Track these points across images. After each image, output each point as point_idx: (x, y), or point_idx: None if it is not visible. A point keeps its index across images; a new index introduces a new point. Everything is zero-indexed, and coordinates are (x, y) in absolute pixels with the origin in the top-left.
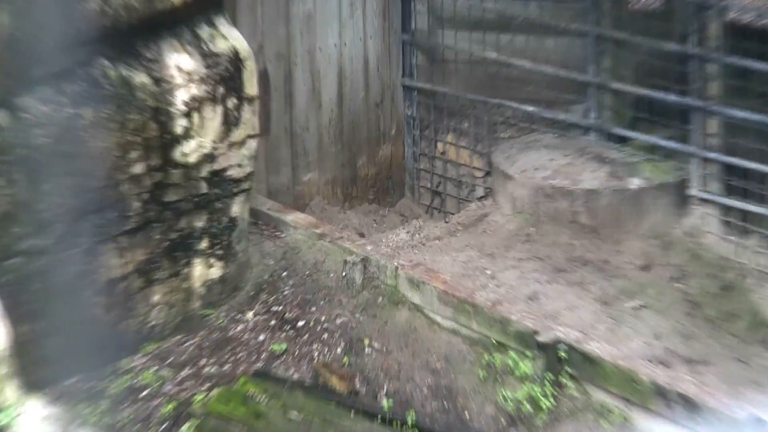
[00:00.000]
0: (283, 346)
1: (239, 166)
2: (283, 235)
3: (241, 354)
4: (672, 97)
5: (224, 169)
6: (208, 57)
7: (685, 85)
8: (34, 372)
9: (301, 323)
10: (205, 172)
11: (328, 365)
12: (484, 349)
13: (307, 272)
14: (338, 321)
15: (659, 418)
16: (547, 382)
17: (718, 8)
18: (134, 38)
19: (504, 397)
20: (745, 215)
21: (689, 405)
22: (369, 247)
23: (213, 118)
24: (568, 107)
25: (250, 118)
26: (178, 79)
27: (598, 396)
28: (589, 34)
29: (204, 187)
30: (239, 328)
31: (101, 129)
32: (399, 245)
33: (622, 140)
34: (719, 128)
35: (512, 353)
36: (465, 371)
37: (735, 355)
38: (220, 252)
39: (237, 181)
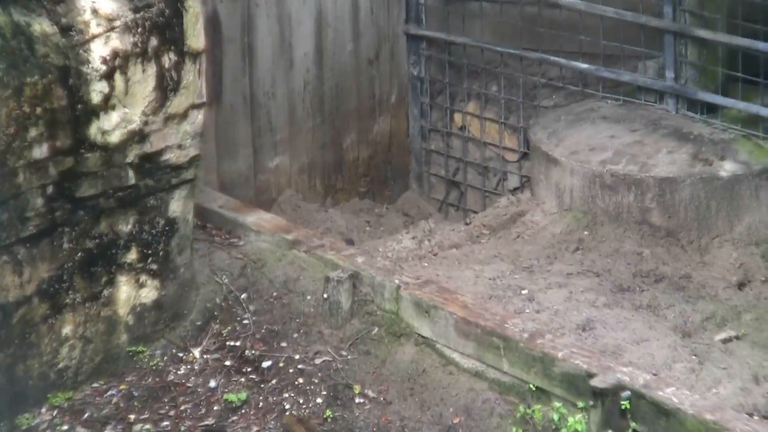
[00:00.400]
0: (243, 395)
1: (179, 147)
2: (241, 243)
3: (184, 406)
4: None
5: (159, 152)
6: None
7: None
8: None
9: (266, 364)
10: (132, 156)
11: (303, 421)
12: (519, 397)
13: (275, 294)
14: (318, 361)
15: None
16: None
17: None
18: None
19: None
20: None
21: None
22: (360, 259)
23: (143, 80)
24: (636, 64)
25: (194, 81)
26: (95, 26)
27: None
28: None
29: (131, 177)
30: (182, 370)
31: None
32: (402, 256)
33: (711, 109)
34: None
35: (557, 403)
36: (492, 428)
37: None
38: (154, 267)
39: (177, 168)
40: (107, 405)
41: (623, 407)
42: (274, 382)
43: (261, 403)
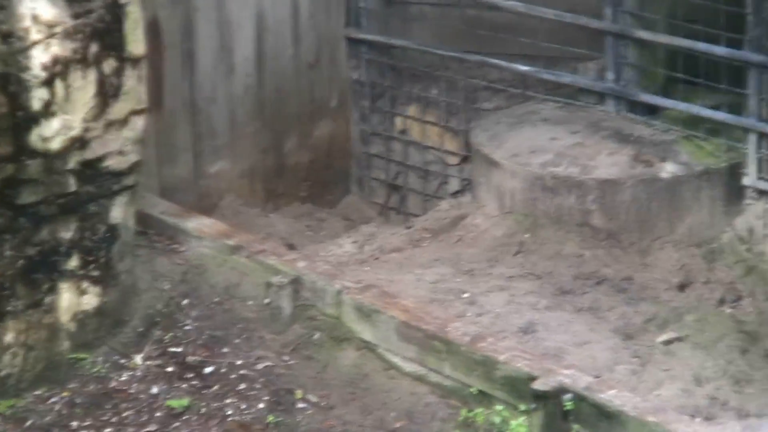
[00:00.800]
0: (185, 401)
1: (120, 153)
2: (182, 249)
3: (127, 412)
4: (721, 50)
5: (100, 159)
6: (75, 2)
7: (739, 33)
8: None
9: (208, 369)
10: (73, 162)
11: (246, 426)
12: (462, 401)
13: (217, 299)
14: (260, 366)
15: None
16: None
17: None
18: None
19: None
20: None
21: None
22: (301, 264)
23: (83, 87)
24: (576, 66)
25: (134, 87)
26: (35, 33)
27: None
28: None
29: (72, 184)
30: (124, 377)
31: None
32: (343, 260)
33: (652, 111)
34: None
35: (500, 407)
36: None
37: None
38: (95, 273)
39: (117, 174)
40: (50, 412)
41: (565, 410)
42: (216, 387)
43: (203, 409)
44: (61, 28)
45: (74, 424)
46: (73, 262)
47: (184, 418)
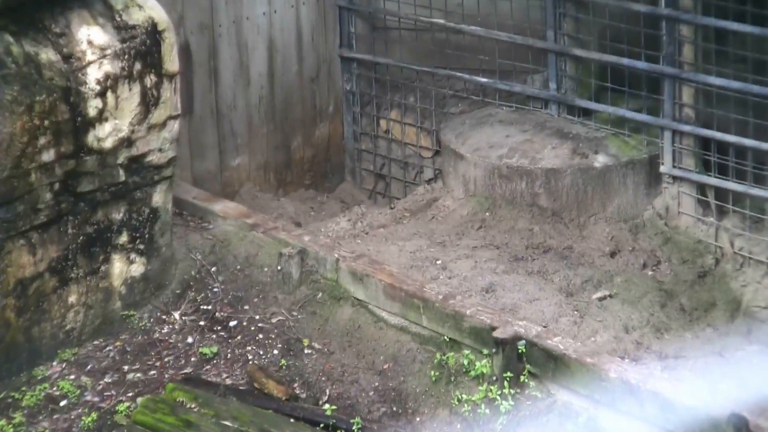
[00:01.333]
0: (214, 348)
1: (160, 150)
2: (210, 227)
3: (167, 358)
4: (641, 64)
5: (143, 155)
6: (122, 29)
7: (655, 50)
8: None
9: (233, 323)
10: (122, 158)
11: (264, 369)
12: (436, 347)
13: (239, 267)
14: (274, 320)
15: (630, 418)
16: (506, 383)
17: None
18: (39, 10)
19: (459, 399)
20: (722, 193)
21: (663, 404)
22: (306, 238)
23: (129, 97)
24: (525, 77)
25: (170, 97)
26: (90, 54)
27: (563, 396)
28: None
29: (121, 175)
30: (165, 330)
31: (5, 113)
32: (340, 235)
33: (586, 113)
34: (694, 98)
35: (467, 351)
36: (415, 372)
37: (713, 348)
38: (141, 247)
39: (158, 167)
40: (106, 358)
41: (520, 353)
42: (239, 338)
43: (229, 355)
44: (111, 51)
45: (125, 367)
46: (123, 238)
47: (213, 362)
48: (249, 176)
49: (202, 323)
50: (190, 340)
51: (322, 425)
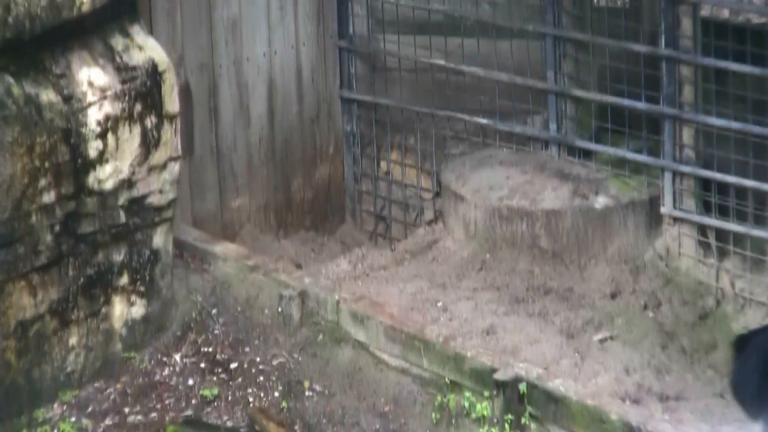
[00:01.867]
0: (215, 390)
1: (161, 192)
2: (211, 268)
3: (168, 400)
4: (641, 105)
5: (144, 196)
6: (122, 70)
7: (655, 91)
8: None
9: (233, 365)
10: (122, 199)
11: (264, 411)
12: (437, 389)
13: (239, 309)
14: (275, 362)
15: None
16: (506, 425)
17: (691, 3)
18: (40, 51)
19: None
20: (723, 235)
21: None
22: (307, 280)
23: (130, 139)
24: (525, 118)
25: (171, 138)
26: (90, 96)
27: None
28: (548, 36)
29: (122, 217)
30: (166, 371)
31: (5, 154)
32: (340, 276)
33: (587, 154)
34: (694, 138)
35: (468, 393)
36: (416, 414)
37: (713, 389)
38: (142, 288)
39: (158, 209)
40: (106, 400)
41: (521, 395)
42: (240, 380)
43: (230, 397)
44: (111, 92)
45: (126, 410)
46: (124, 280)
47: (214, 404)
48: (249, 217)
49: (202, 365)
50: (190, 382)
51: None
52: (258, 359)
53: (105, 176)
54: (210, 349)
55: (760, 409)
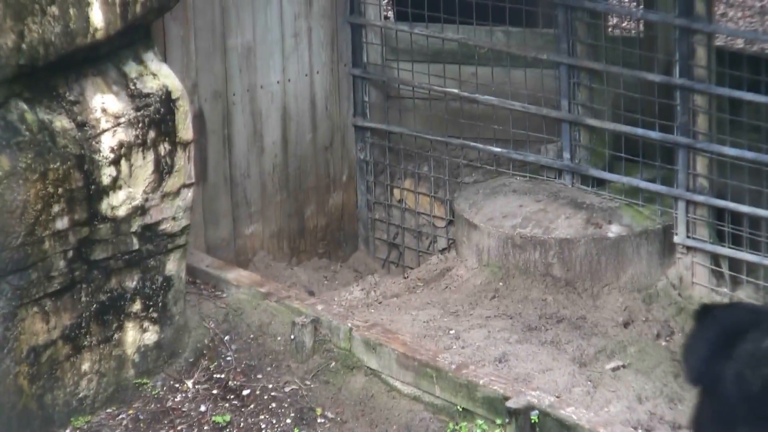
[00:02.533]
0: (227, 417)
1: (174, 219)
2: (224, 295)
3: (180, 426)
4: (655, 134)
5: (157, 223)
6: (136, 97)
7: (669, 120)
8: None
9: (246, 392)
10: (135, 226)
11: None
12: (449, 417)
13: (252, 336)
14: (287, 389)
15: None
16: None
17: (705, 33)
18: (54, 78)
19: None
20: (736, 264)
21: None
22: (320, 307)
23: (143, 165)
24: (539, 147)
25: (184, 165)
26: (104, 122)
27: None
28: (562, 65)
29: (135, 243)
30: (178, 398)
31: (19, 180)
32: (353, 304)
33: (600, 183)
34: (708, 167)
35: (480, 421)
36: None
37: None
38: (154, 315)
39: (171, 235)
40: (119, 426)
41: (533, 423)
42: (252, 406)
43: (242, 424)
44: (125, 119)
45: None
46: (136, 306)
47: (226, 430)
48: (262, 244)
49: (215, 392)
50: (203, 408)
51: None
52: (270, 386)
53: (118, 203)
54: (222, 376)
55: (700, 377)
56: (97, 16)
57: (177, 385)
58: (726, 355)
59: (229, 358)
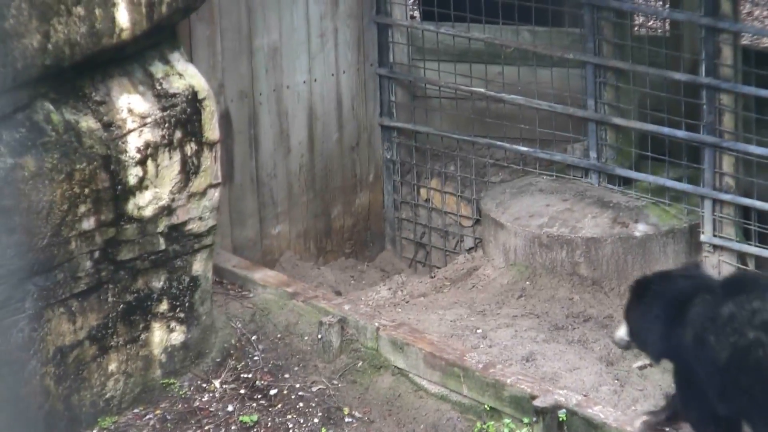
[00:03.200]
0: (254, 417)
1: (200, 219)
2: (251, 295)
3: (208, 426)
4: (681, 133)
5: (184, 223)
6: (162, 97)
7: (695, 119)
8: None
9: (273, 392)
10: (162, 226)
11: None
12: (476, 416)
13: (279, 335)
14: (314, 388)
15: None
16: None
17: (731, 32)
18: (80, 78)
19: None
20: (763, 262)
21: None
22: (346, 307)
23: (170, 166)
24: (565, 146)
25: (210, 166)
26: (130, 122)
27: None
28: (588, 64)
29: (162, 244)
30: (205, 398)
31: (45, 180)
32: (380, 304)
33: (626, 182)
34: (734, 166)
35: (507, 420)
36: None
37: None
38: (181, 315)
39: (198, 236)
40: (146, 427)
41: (560, 422)
42: (279, 406)
43: (269, 423)
44: (151, 119)
45: None
46: (163, 306)
47: (254, 430)
48: (289, 245)
49: (242, 392)
50: (230, 408)
51: None
52: (297, 386)
53: (145, 203)
54: (249, 376)
55: (661, 353)
56: (122, 17)
57: (204, 385)
58: (681, 324)
59: (256, 358)
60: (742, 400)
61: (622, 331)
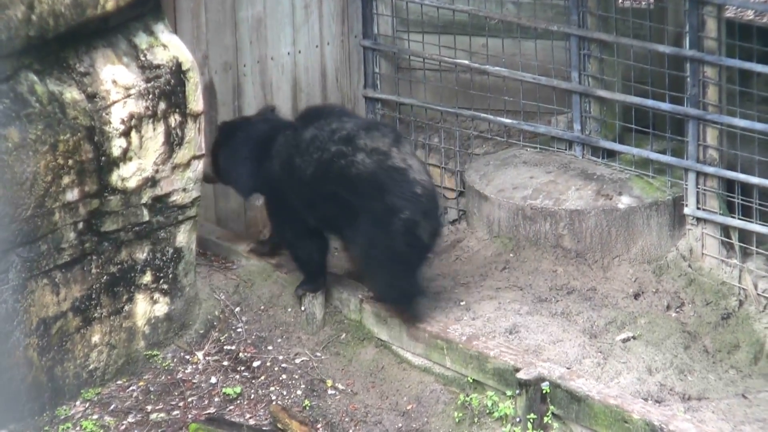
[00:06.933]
0: (238, 389)
1: (184, 190)
2: (234, 267)
3: (191, 398)
4: (665, 106)
5: (167, 195)
6: (146, 69)
7: (679, 92)
8: None
9: (256, 363)
10: (146, 198)
11: (287, 409)
12: (460, 388)
13: (262, 307)
14: (298, 360)
15: None
16: (529, 424)
17: (715, 5)
18: (64, 49)
19: None
20: (746, 235)
21: None
22: (330, 278)
23: (154, 137)
24: (549, 118)
25: (195, 137)
26: (114, 94)
27: None
28: (572, 36)
29: (145, 215)
30: (188, 369)
31: (29, 152)
32: None
33: (610, 154)
34: (718, 139)
35: (491, 393)
36: (438, 413)
37: (736, 390)
38: (165, 286)
39: (182, 207)
40: (129, 398)
41: (543, 394)
42: (262, 378)
43: (252, 395)
44: (135, 90)
45: (149, 407)
46: (147, 278)
47: (237, 402)
48: None
49: (225, 363)
50: (213, 380)
51: None
52: (281, 358)
53: (128, 174)
54: (233, 348)
55: (251, 189)
56: None
57: (187, 357)
58: (268, 158)
59: (239, 330)
60: (328, 206)
61: (208, 168)
